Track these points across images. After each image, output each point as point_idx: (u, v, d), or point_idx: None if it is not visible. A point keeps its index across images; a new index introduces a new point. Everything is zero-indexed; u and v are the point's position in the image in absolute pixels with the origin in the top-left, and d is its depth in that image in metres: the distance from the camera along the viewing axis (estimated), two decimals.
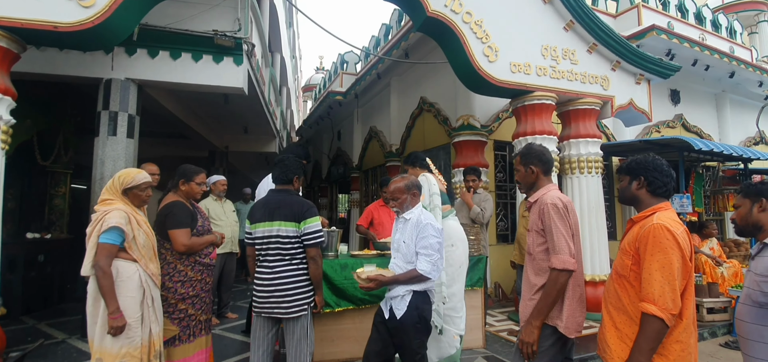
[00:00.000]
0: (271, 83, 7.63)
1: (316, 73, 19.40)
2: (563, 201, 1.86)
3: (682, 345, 1.47)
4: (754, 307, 1.56)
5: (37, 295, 4.87)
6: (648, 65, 5.05)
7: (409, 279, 2.18)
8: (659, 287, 1.43)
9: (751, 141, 8.28)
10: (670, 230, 1.46)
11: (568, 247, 1.78)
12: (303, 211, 2.38)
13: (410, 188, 2.30)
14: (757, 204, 1.64)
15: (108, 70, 3.99)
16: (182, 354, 2.64)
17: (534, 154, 2.01)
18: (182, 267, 2.63)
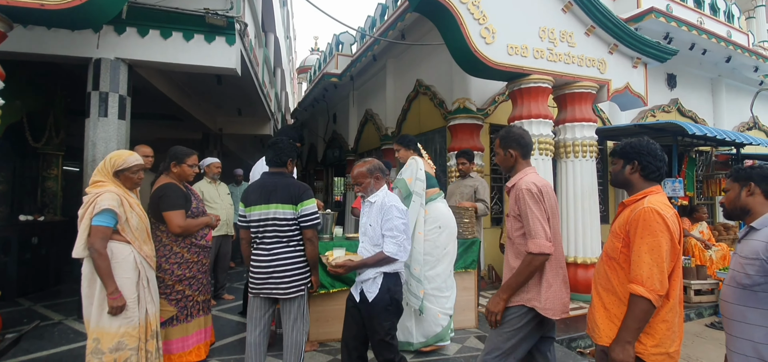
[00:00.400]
0: (264, 64, 7.50)
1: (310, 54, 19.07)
2: (538, 186, 1.86)
3: (668, 324, 1.52)
4: (738, 289, 1.58)
5: (32, 277, 4.88)
6: (645, 48, 5.02)
7: (377, 261, 2.20)
8: (648, 269, 1.47)
9: (744, 126, 8.34)
10: (660, 213, 1.50)
11: (544, 231, 1.80)
12: (300, 193, 2.40)
13: (373, 172, 2.31)
14: (746, 188, 1.65)
15: (96, 49, 3.90)
16: (180, 334, 2.71)
17: (512, 137, 2.01)
18: (178, 249, 2.65)
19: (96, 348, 2.20)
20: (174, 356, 2.68)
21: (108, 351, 2.20)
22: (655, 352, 1.52)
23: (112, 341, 2.21)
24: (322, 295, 3.26)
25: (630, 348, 1.50)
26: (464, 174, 4.24)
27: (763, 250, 1.50)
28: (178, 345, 2.70)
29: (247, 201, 2.45)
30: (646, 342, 1.53)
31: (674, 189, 5.09)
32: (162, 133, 8.53)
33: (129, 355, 2.24)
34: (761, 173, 1.63)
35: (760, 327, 1.50)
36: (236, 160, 13.39)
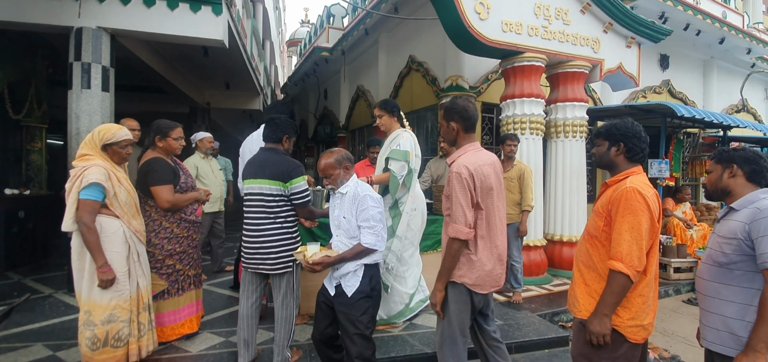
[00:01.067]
0: (253, 36, 7.30)
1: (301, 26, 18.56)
2: (469, 169, 1.83)
3: (644, 298, 1.60)
4: (714, 266, 1.64)
5: (20, 251, 4.83)
6: (640, 28, 4.98)
7: (357, 254, 2.08)
8: (627, 246, 1.53)
9: (733, 108, 8.44)
10: (642, 194, 1.55)
11: (464, 217, 1.82)
12: (289, 171, 2.39)
13: (341, 162, 2.16)
14: (728, 170, 1.67)
15: (77, 17, 3.73)
16: (172, 307, 2.74)
17: (455, 109, 1.97)
18: (168, 224, 2.64)
19: (88, 320, 2.23)
20: (166, 329, 2.71)
21: (100, 323, 2.23)
22: (630, 324, 1.59)
23: (104, 313, 2.24)
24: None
25: (607, 320, 1.58)
26: (447, 153, 4.23)
27: (741, 230, 1.54)
28: (170, 318, 2.73)
29: (243, 176, 2.51)
30: (623, 315, 1.59)
31: (660, 170, 5.18)
32: (148, 106, 8.33)
33: (121, 327, 2.27)
34: (744, 156, 1.65)
35: (731, 302, 1.56)
36: (225, 135, 13.19)
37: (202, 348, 2.78)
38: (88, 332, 2.22)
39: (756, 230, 1.49)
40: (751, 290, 1.52)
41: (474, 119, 1.99)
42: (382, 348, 2.82)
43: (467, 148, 1.96)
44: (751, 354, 1.47)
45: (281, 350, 2.44)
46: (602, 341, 1.58)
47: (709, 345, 1.65)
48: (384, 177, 3.03)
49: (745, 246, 1.52)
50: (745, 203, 1.59)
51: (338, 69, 9.42)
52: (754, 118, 8.84)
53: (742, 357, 1.49)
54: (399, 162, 2.97)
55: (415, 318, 3.32)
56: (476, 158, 1.90)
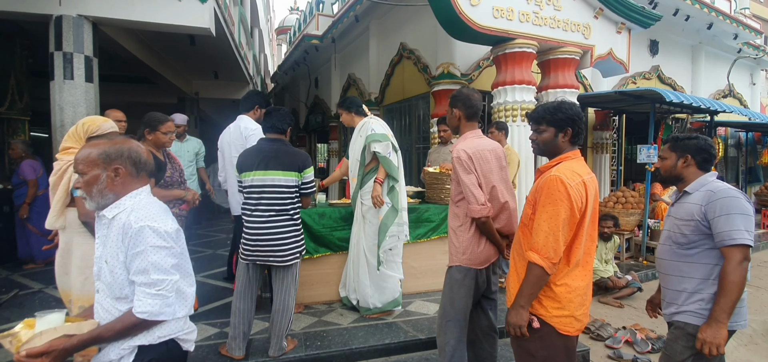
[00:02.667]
0: (240, 23, 7.15)
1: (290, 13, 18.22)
2: (468, 153, 1.93)
3: (568, 288, 1.55)
4: (674, 247, 1.75)
5: (5, 246, 4.74)
6: (630, 14, 5.00)
7: (122, 331, 1.18)
8: (544, 237, 1.49)
9: (720, 93, 8.56)
10: (564, 182, 1.48)
11: (474, 196, 1.90)
12: (303, 161, 2.44)
13: (110, 159, 1.23)
14: (682, 160, 1.77)
15: (58, 5, 3.61)
16: None
17: (460, 97, 2.07)
18: None
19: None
20: None
21: None
22: (558, 315, 1.54)
23: None
24: (306, 260, 3.30)
25: (523, 312, 1.55)
26: (445, 141, 4.21)
27: (698, 212, 1.65)
28: None
29: (241, 167, 2.42)
30: (548, 305, 1.55)
31: (649, 156, 5.25)
32: (135, 97, 8.15)
33: None
34: (697, 145, 1.75)
35: (690, 278, 1.68)
36: (214, 125, 13.01)
37: (197, 340, 2.77)
38: None
39: (712, 211, 1.61)
40: (709, 265, 1.64)
41: (477, 108, 2.07)
42: (376, 335, 2.85)
43: (468, 135, 2.04)
44: (713, 324, 1.58)
45: (279, 339, 2.45)
46: (519, 333, 1.56)
47: (668, 318, 1.77)
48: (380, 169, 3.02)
49: (702, 226, 1.64)
50: (697, 186, 1.71)
51: (329, 57, 9.30)
52: (740, 103, 8.99)
53: (706, 327, 1.60)
54: (381, 142, 2.99)
55: (410, 305, 3.35)
56: (476, 143, 1.98)
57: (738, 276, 1.55)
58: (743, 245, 1.55)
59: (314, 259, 3.34)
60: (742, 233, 1.55)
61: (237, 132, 3.15)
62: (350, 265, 3.23)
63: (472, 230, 1.97)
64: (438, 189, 3.71)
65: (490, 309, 2.15)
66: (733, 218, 1.56)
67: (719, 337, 1.56)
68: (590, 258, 1.62)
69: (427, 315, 3.21)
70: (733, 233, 1.55)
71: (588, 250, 1.60)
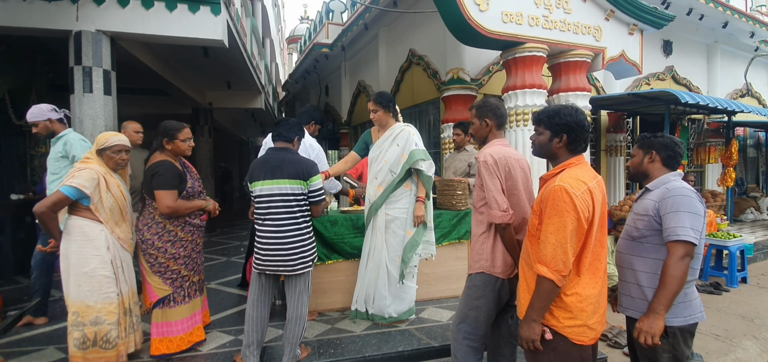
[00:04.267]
0: (252, 34, 7.28)
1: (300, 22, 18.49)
2: (494, 157, 1.91)
3: (579, 297, 1.52)
4: (629, 240, 1.78)
5: (28, 256, 4.86)
6: (642, 15, 4.93)
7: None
8: (552, 249, 1.47)
9: (737, 93, 8.35)
10: (569, 192, 1.46)
11: (496, 202, 1.87)
12: (308, 169, 2.44)
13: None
14: (648, 156, 1.82)
15: (76, 21, 3.73)
16: (179, 316, 2.61)
17: (489, 107, 2.06)
18: (172, 227, 2.55)
19: (77, 320, 2.30)
20: (175, 338, 2.59)
21: (89, 323, 2.30)
22: (570, 325, 1.52)
23: (92, 314, 2.31)
24: (319, 267, 3.32)
25: (535, 326, 1.53)
26: (459, 146, 4.18)
27: (652, 208, 1.70)
28: (178, 327, 2.60)
29: (251, 177, 2.46)
30: (559, 315, 1.53)
31: None
32: (150, 108, 8.35)
33: (109, 330, 2.34)
34: (662, 142, 1.79)
35: (643, 272, 1.72)
36: (228, 135, 13.22)
37: (212, 347, 2.80)
38: (77, 332, 2.29)
39: (664, 207, 1.66)
40: (658, 260, 1.67)
41: (506, 117, 2.10)
42: (390, 343, 2.83)
43: (496, 142, 2.03)
44: (651, 315, 1.62)
45: (292, 348, 2.46)
46: (532, 347, 1.53)
47: (624, 311, 1.81)
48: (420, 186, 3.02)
49: (654, 221, 1.68)
50: (658, 184, 1.76)
51: (339, 65, 9.39)
52: (758, 102, 8.76)
53: (644, 318, 1.64)
54: (427, 161, 2.98)
55: (422, 312, 3.33)
56: (503, 151, 1.97)
57: (678, 270, 1.58)
58: (686, 241, 1.59)
59: (327, 266, 3.35)
60: (687, 230, 1.59)
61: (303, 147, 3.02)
62: (365, 275, 3.13)
63: (495, 237, 1.94)
64: (449, 195, 3.70)
65: (510, 316, 2.11)
66: (681, 215, 1.61)
67: (655, 327, 1.60)
68: (600, 264, 1.58)
69: (440, 322, 3.18)
70: (677, 229, 1.60)
71: (598, 256, 1.57)
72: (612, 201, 6.62)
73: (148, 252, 2.51)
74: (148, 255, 2.52)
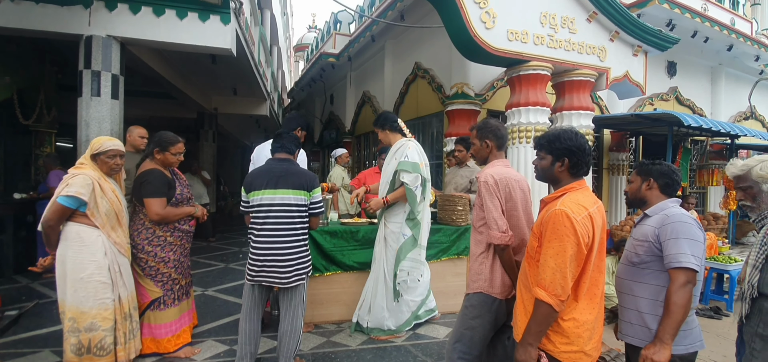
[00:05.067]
0: (260, 43, 7.36)
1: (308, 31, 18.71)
2: (495, 178, 1.92)
3: (576, 322, 1.52)
4: (629, 266, 1.77)
5: (28, 255, 4.89)
6: (647, 37, 4.96)
7: None
8: (551, 273, 1.46)
9: (741, 116, 8.35)
10: (569, 217, 1.46)
11: (495, 223, 1.88)
12: (312, 180, 2.48)
13: None
14: (646, 183, 1.82)
15: (87, 26, 3.79)
16: (168, 318, 2.71)
17: (489, 128, 2.08)
18: (161, 233, 2.64)
19: (73, 327, 2.29)
20: (163, 340, 2.67)
21: (84, 329, 2.30)
22: (566, 350, 1.51)
23: (86, 321, 2.30)
24: (316, 278, 3.31)
25: (531, 350, 1.52)
26: (461, 162, 4.19)
27: (652, 234, 1.69)
28: (167, 330, 2.69)
29: (250, 186, 2.43)
30: (556, 340, 1.53)
31: None
32: (156, 112, 8.42)
33: (103, 336, 2.33)
34: (660, 170, 1.80)
35: (643, 298, 1.70)
36: (232, 140, 13.29)
37: (206, 356, 2.80)
38: (73, 338, 2.28)
39: (664, 233, 1.65)
40: (658, 286, 1.66)
41: (506, 138, 2.12)
42: (385, 358, 2.81)
43: (497, 162, 2.05)
44: (658, 344, 1.59)
45: (287, 360, 2.44)
46: None
47: (624, 338, 1.77)
48: (399, 193, 3.06)
49: (655, 247, 1.67)
50: (656, 210, 1.76)
51: (344, 74, 9.47)
52: (762, 125, 8.74)
53: (650, 346, 1.61)
54: (411, 174, 3.01)
55: (419, 328, 3.31)
56: (504, 171, 1.98)
57: (681, 298, 1.57)
58: (687, 268, 1.58)
59: (325, 277, 3.35)
60: (688, 257, 1.58)
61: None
62: (370, 285, 3.20)
63: (494, 258, 1.95)
64: (449, 210, 3.69)
65: (507, 337, 2.09)
66: (681, 242, 1.61)
67: (661, 356, 1.57)
68: (597, 289, 1.59)
69: (436, 339, 3.16)
70: (679, 256, 1.59)
71: (595, 281, 1.57)
72: (613, 221, 6.59)
73: (139, 256, 2.60)
74: (138, 259, 2.60)
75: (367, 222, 3.60)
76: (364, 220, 3.69)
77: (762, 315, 1.62)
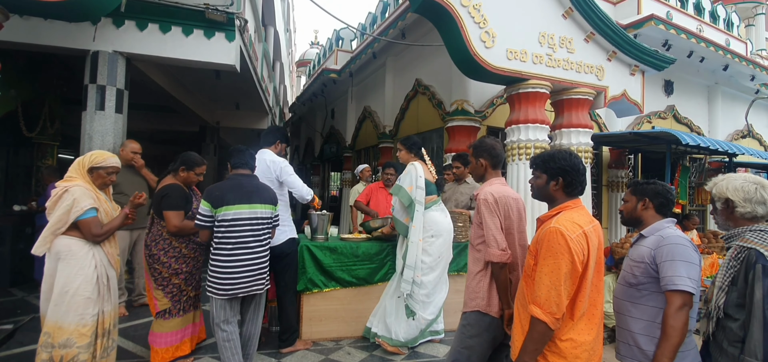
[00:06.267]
0: (263, 59, 7.48)
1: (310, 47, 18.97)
2: (495, 196, 1.94)
3: (574, 343, 1.52)
4: (626, 287, 1.76)
5: (26, 268, 4.86)
6: (643, 57, 5.05)
7: None
8: (546, 291, 1.47)
9: (739, 134, 8.41)
10: (564, 235, 1.48)
11: (495, 240, 1.89)
12: (275, 196, 2.68)
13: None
14: (641, 203, 1.82)
15: (94, 41, 3.87)
16: (170, 328, 2.79)
17: (485, 147, 2.10)
18: (177, 244, 2.80)
19: (46, 341, 2.23)
20: (161, 350, 2.75)
21: (58, 345, 2.23)
22: None
23: (63, 337, 2.24)
24: (315, 294, 3.30)
25: None
26: (459, 178, 4.20)
27: (648, 255, 1.68)
28: (168, 339, 2.78)
29: (220, 201, 2.42)
30: (553, 360, 1.53)
31: None
32: (158, 125, 8.49)
33: (76, 353, 2.25)
34: (655, 190, 1.80)
35: (639, 319, 1.69)
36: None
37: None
38: (44, 354, 2.22)
39: (660, 255, 1.64)
40: (655, 309, 1.65)
41: (501, 157, 2.12)
42: None
43: (494, 181, 2.06)
44: None
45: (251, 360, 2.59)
46: None
47: (621, 358, 1.76)
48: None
49: (651, 269, 1.66)
50: (652, 231, 1.75)
51: (346, 90, 9.58)
52: (759, 144, 8.80)
53: None
54: (396, 197, 3.19)
55: (419, 346, 3.28)
56: (502, 190, 1.99)
57: (677, 321, 1.56)
58: (683, 291, 1.56)
59: (323, 293, 3.33)
60: (684, 280, 1.57)
61: (263, 165, 3.12)
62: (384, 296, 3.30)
63: (492, 276, 1.95)
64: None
65: (505, 355, 2.08)
66: (676, 264, 1.59)
67: None
68: (596, 309, 1.59)
69: (436, 357, 3.13)
70: (675, 279, 1.58)
71: (594, 302, 1.57)
72: (613, 238, 6.57)
73: (154, 266, 2.75)
74: (153, 269, 2.76)
75: (367, 238, 3.60)
76: (362, 236, 3.69)
77: (726, 333, 1.63)
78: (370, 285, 3.42)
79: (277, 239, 2.92)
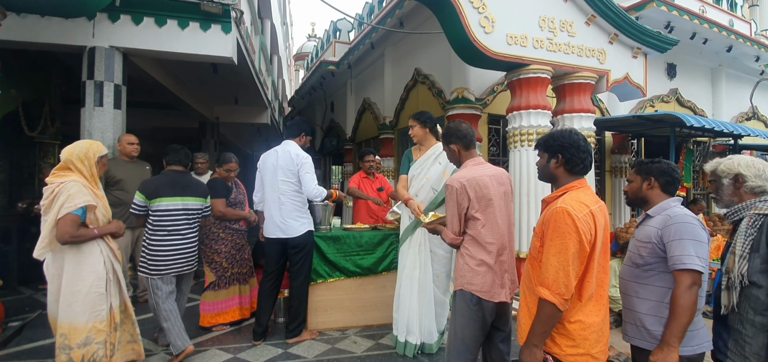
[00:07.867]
0: (261, 52, 7.43)
1: (308, 40, 18.85)
2: (461, 182, 1.95)
3: (582, 324, 1.50)
4: (632, 267, 1.75)
5: (32, 266, 4.89)
6: (646, 39, 4.98)
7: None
8: (554, 272, 1.46)
9: (743, 116, 8.33)
10: (571, 215, 1.46)
11: (451, 225, 1.99)
12: (207, 190, 3.14)
13: None
14: (646, 182, 1.79)
15: (91, 37, 3.85)
16: (218, 298, 3.43)
17: (451, 132, 2.11)
18: (215, 230, 3.42)
19: (63, 343, 2.20)
20: (207, 315, 3.39)
21: (76, 346, 2.20)
22: (573, 353, 1.50)
23: (81, 336, 2.21)
24: (320, 285, 3.30)
25: (537, 351, 1.50)
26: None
27: (655, 235, 1.66)
28: (210, 307, 3.40)
29: (155, 194, 2.79)
30: (561, 343, 1.51)
31: None
32: (158, 122, 8.49)
33: (96, 349, 2.25)
34: (660, 168, 1.77)
35: (646, 300, 1.67)
36: (233, 148, 13.34)
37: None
38: (63, 356, 2.20)
39: (667, 235, 1.62)
40: (663, 289, 1.64)
41: (470, 135, 2.09)
42: None
43: (468, 163, 2.07)
44: (665, 348, 1.57)
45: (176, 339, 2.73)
46: None
47: (629, 340, 1.76)
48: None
49: (658, 249, 1.64)
50: (659, 210, 1.73)
51: (344, 82, 9.52)
52: (765, 125, 8.71)
53: (658, 351, 1.58)
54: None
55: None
56: (474, 172, 1.99)
57: (687, 300, 1.54)
58: (692, 270, 1.55)
59: (328, 284, 3.34)
60: (693, 258, 1.55)
61: (287, 157, 3.08)
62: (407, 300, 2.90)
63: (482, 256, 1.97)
64: None
65: (502, 342, 2.07)
66: (685, 243, 1.57)
67: (669, 360, 1.56)
68: (604, 290, 1.57)
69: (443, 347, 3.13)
70: (683, 258, 1.56)
71: (601, 282, 1.56)
72: (617, 223, 6.55)
73: (201, 247, 3.32)
74: (201, 250, 3.29)
75: (371, 227, 3.60)
76: (366, 226, 3.69)
77: (751, 302, 1.62)
78: (374, 274, 3.42)
79: (297, 230, 3.06)
